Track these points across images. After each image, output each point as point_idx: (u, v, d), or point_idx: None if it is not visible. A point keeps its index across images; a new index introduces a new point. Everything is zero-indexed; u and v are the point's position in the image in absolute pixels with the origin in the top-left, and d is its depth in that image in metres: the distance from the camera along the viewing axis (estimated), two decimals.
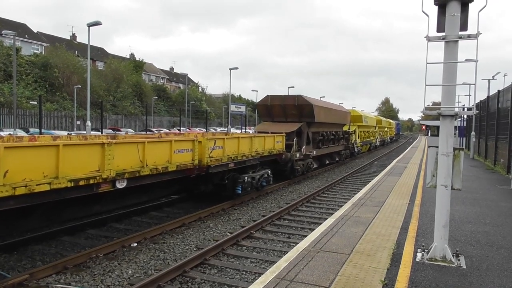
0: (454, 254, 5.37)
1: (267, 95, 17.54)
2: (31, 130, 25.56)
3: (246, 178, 11.39)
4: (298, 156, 15.92)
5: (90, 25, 22.09)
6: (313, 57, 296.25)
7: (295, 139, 15.83)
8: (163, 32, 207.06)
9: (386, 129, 49.65)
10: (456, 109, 5.21)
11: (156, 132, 37.13)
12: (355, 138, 28.73)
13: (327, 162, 21.63)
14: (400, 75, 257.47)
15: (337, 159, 23.10)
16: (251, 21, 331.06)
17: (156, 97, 58.20)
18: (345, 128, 24.75)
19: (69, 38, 62.07)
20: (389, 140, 53.74)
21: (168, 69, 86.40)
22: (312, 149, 17.85)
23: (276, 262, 5.34)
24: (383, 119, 49.60)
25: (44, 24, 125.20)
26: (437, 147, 5.27)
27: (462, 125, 36.12)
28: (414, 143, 50.58)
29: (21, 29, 48.33)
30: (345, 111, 24.05)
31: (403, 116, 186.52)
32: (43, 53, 48.41)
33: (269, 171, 13.14)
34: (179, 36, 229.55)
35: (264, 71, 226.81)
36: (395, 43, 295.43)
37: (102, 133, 26.01)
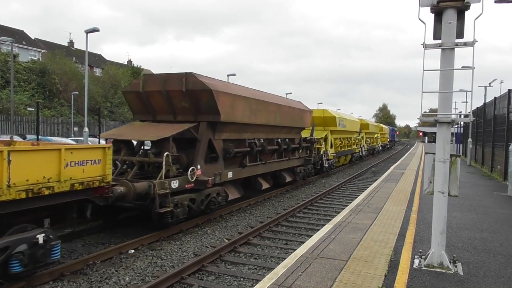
0: (451, 261, 5.38)
1: (141, 75, 9.82)
2: (28, 136, 25.46)
3: None
4: (177, 185, 8.80)
5: (88, 31, 22.13)
6: (300, 64, 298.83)
7: (166, 154, 8.66)
8: (149, 39, 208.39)
9: (376, 135, 42.26)
10: (453, 116, 5.26)
11: None
12: (326, 148, 21.59)
13: (267, 186, 13.79)
14: (387, 82, 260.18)
15: (288, 179, 15.49)
16: (235, 30, 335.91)
17: None
18: (306, 134, 18.24)
19: (66, 44, 62.12)
20: (380, 148, 45.84)
21: None
22: (222, 169, 10.65)
23: (274, 268, 5.34)
24: (372, 123, 41.12)
25: (34, 31, 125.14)
26: (434, 153, 5.31)
27: (459, 131, 36.36)
28: (411, 149, 50.76)
29: (18, 36, 48.39)
30: (302, 108, 16.44)
31: (400, 122, 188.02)
32: (40, 60, 48.42)
33: (40, 236, 5.70)
34: (165, 44, 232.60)
35: (253, 78, 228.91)
36: (376, 51, 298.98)
37: (99, 140, 25.92)
